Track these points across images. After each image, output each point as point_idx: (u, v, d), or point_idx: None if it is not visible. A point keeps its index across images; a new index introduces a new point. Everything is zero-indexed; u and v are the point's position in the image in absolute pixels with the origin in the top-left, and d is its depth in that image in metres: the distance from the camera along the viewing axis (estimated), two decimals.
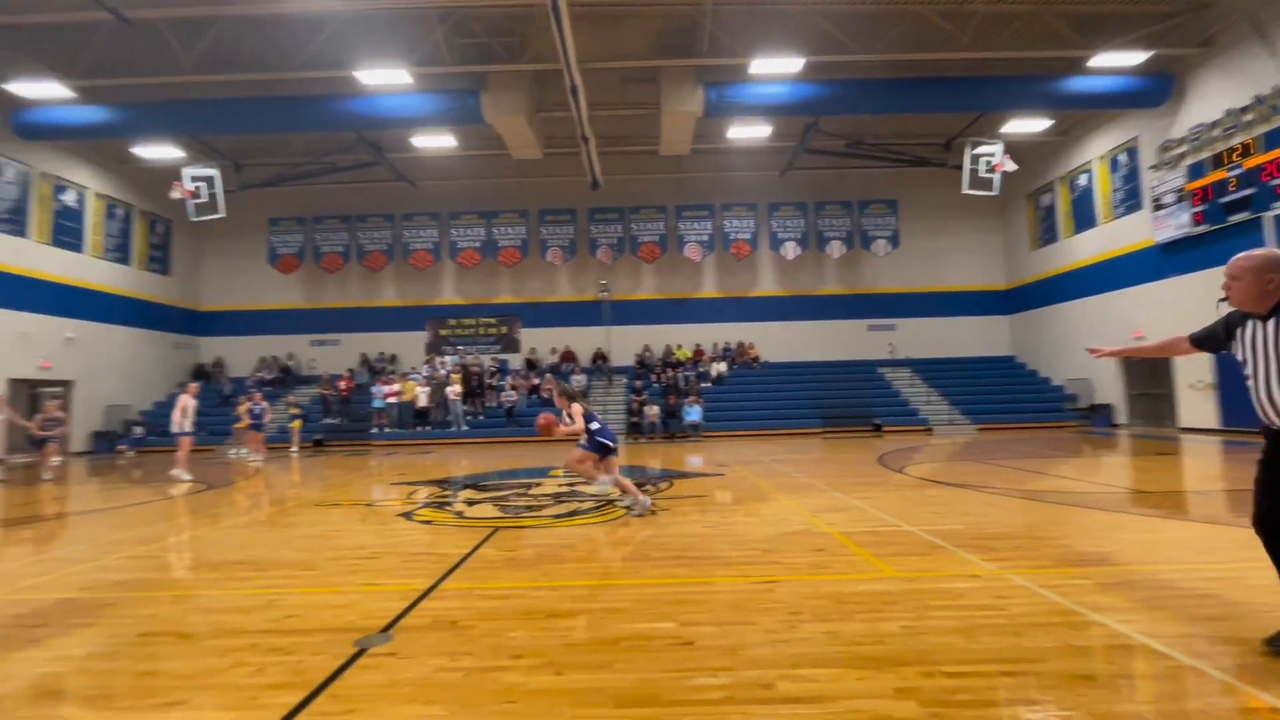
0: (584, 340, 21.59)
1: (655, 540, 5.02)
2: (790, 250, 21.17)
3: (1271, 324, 2.38)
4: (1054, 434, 15.93)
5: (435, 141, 17.48)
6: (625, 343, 21.64)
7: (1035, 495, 6.88)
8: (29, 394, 15.54)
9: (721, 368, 20.55)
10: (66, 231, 17.14)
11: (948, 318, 21.91)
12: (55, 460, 12.54)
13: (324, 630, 3.14)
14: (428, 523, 6.03)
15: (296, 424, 16.05)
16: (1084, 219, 18.33)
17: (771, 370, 21.04)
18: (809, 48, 13.64)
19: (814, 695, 2.30)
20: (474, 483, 8.94)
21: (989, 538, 4.77)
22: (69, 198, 17.28)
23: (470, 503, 6.94)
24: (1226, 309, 2.56)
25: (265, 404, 14.14)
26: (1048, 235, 20.03)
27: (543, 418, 6.33)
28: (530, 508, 6.63)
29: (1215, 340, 2.63)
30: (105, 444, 17.29)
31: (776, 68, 14.04)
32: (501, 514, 6.21)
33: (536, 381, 19.64)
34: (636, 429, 17.74)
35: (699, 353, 21.38)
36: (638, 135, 18.37)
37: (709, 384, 19.85)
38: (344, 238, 21.41)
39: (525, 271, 21.78)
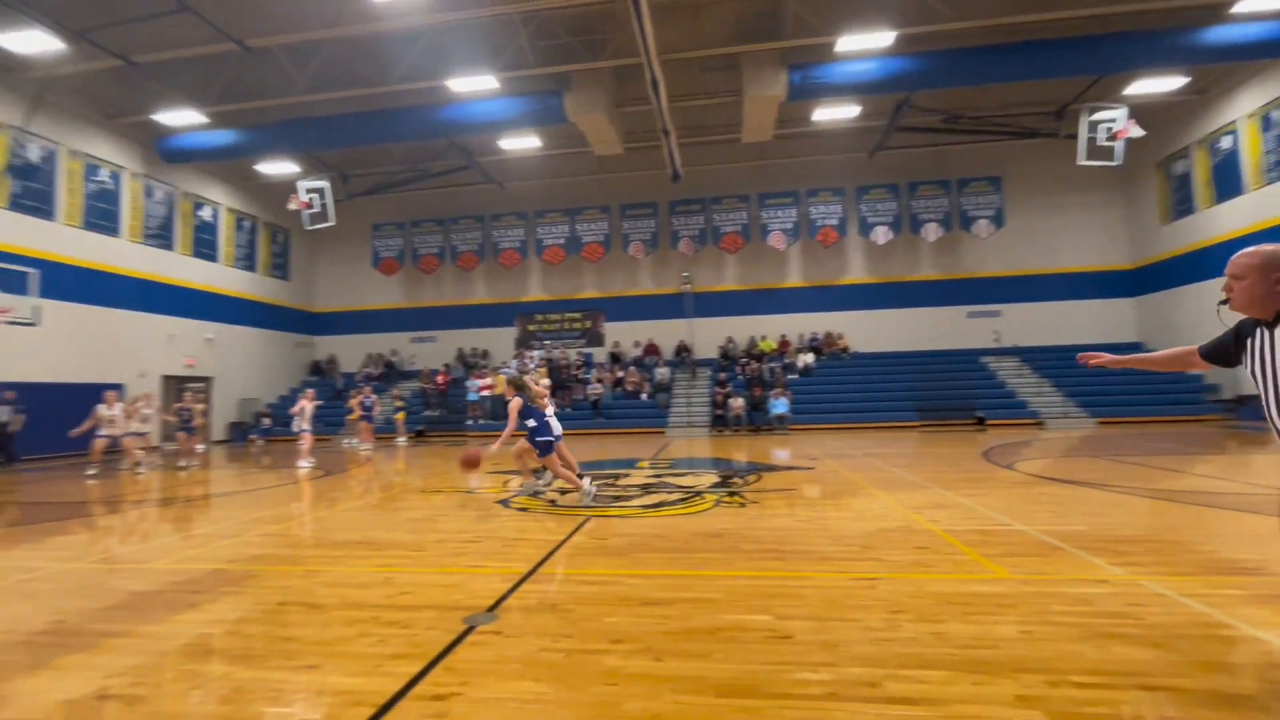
0: (667, 333, 21.66)
1: (746, 533, 4.97)
2: (881, 235, 20.20)
3: (1279, 331, 2.02)
4: (1192, 429, 14.31)
5: (521, 143, 18.06)
6: (709, 335, 21.51)
7: (1171, 495, 6.22)
8: (177, 389, 17.55)
9: (809, 359, 19.97)
10: (204, 244, 19.18)
11: (1062, 302, 20.15)
12: (199, 448, 14.11)
13: (435, 607, 3.34)
14: (524, 510, 6.28)
15: (400, 416, 17.16)
16: (1228, 187, 16.25)
17: (862, 361, 20.21)
18: (900, 19, 12.90)
19: (926, 697, 2.20)
20: None
21: (1117, 540, 4.37)
22: (206, 213, 19.31)
23: (562, 492, 7.16)
24: (1228, 313, 2.19)
25: (374, 397, 15.21)
26: (1182, 207, 17.94)
27: (462, 457, 6.24)
28: (618, 498, 6.75)
29: (1226, 352, 2.25)
30: (239, 433, 19.24)
31: (865, 44, 13.37)
32: (592, 503, 6.35)
33: (620, 374, 19.93)
34: (721, 422, 17.61)
35: (784, 344, 20.88)
36: (719, 124, 18.12)
37: (795, 375, 19.36)
38: (439, 240, 22.59)
39: (608, 266, 22.11)
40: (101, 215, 15.82)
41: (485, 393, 18.61)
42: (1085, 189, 19.76)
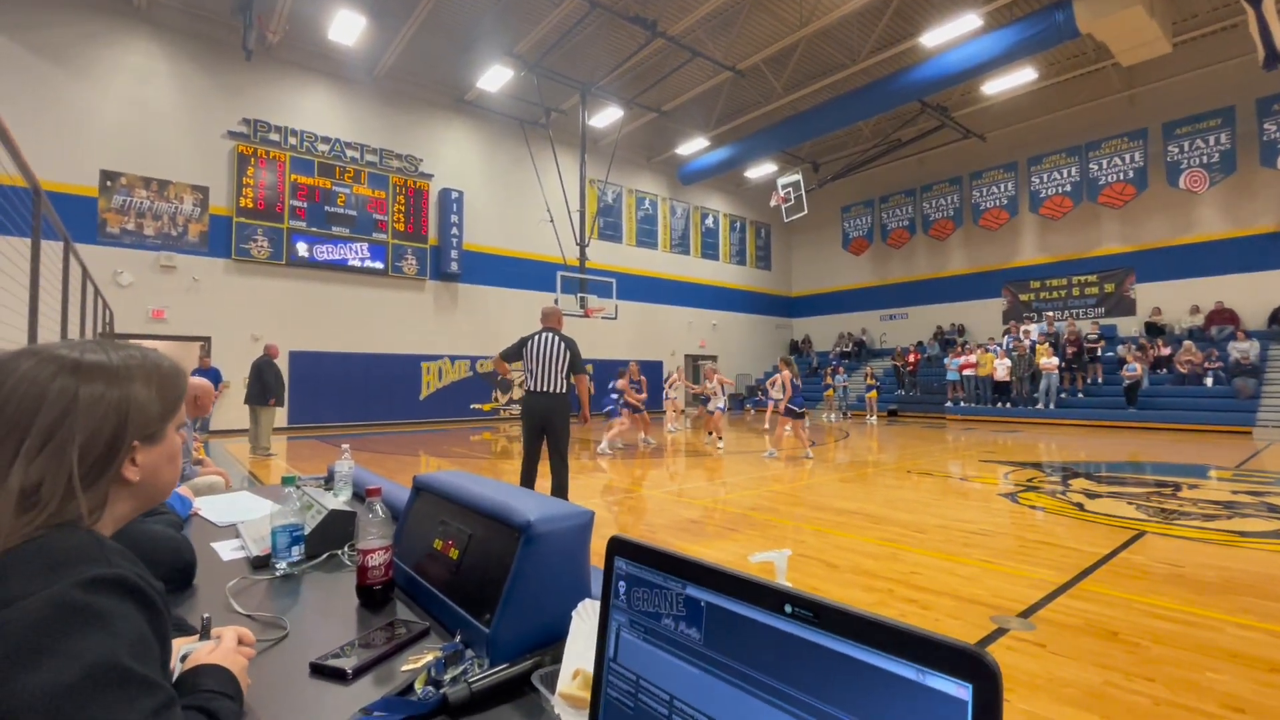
0: (1251, 292, 15.18)
1: None
2: None
3: None
4: None
5: (1009, 81, 15.38)
6: None
7: None
8: (693, 366, 21.99)
9: None
10: (709, 246, 23.30)
11: None
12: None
13: (953, 596, 3.14)
14: (1037, 509, 5.37)
15: (872, 394, 17.19)
16: None
17: None
18: None
19: None
20: (1085, 472, 7.50)
21: None
22: (710, 221, 23.41)
23: (1090, 495, 5.83)
24: None
25: (843, 377, 15.61)
26: None
27: None
28: (1183, 513, 5.06)
29: None
30: (737, 403, 22.78)
31: None
32: (1145, 516, 4.95)
33: (1167, 351, 15.04)
34: None
35: None
36: None
37: None
38: (908, 211, 21.53)
39: (1141, 210, 16.87)
40: (646, 234, 21.00)
41: (968, 372, 16.86)
42: None
